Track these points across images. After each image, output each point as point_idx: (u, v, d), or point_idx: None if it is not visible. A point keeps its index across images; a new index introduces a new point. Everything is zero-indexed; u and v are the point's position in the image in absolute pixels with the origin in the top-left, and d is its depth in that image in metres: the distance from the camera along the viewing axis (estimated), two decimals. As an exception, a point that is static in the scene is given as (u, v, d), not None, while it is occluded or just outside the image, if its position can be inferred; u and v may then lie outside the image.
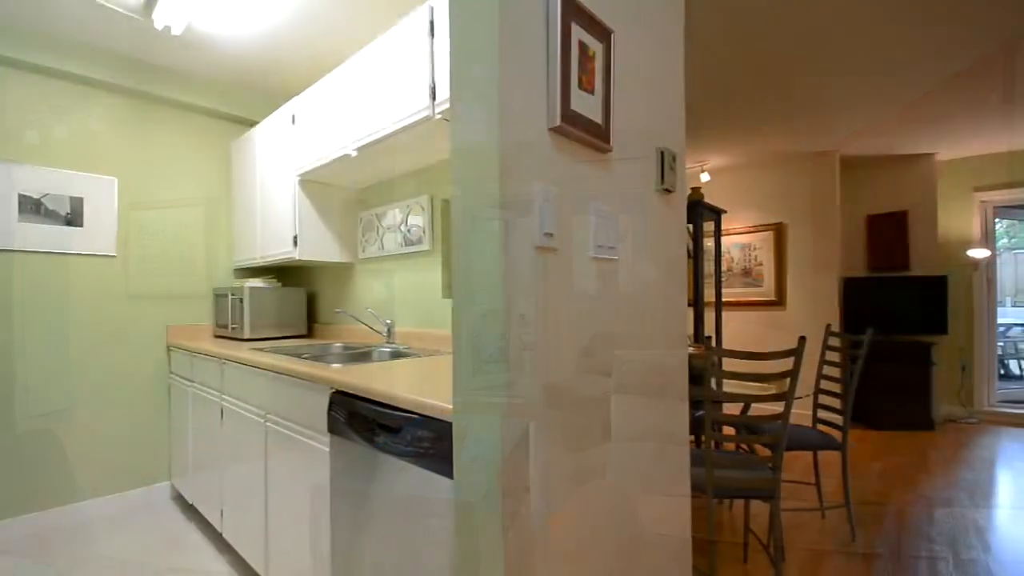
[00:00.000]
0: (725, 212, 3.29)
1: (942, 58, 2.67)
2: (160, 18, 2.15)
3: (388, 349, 2.18)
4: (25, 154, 2.41)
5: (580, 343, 0.97)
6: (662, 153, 1.22)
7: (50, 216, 2.47)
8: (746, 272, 4.69)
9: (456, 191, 0.89)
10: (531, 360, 0.86)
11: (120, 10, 2.18)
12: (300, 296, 2.87)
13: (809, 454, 3.62)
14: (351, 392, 1.32)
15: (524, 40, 0.86)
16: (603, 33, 1.00)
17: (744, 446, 2.78)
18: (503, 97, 0.82)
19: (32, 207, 2.42)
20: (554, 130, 0.91)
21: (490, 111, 0.82)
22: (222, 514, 2.14)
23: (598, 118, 0.99)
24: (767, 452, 3.46)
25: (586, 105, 0.96)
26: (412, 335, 2.26)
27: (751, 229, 4.68)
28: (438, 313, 2.17)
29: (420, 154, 2.06)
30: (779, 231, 4.51)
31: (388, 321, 2.29)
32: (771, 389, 2.67)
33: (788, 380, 2.20)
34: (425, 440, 1.08)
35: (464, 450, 0.87)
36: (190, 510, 2.65)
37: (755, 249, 4.64)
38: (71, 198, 2.53)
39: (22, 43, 2.32)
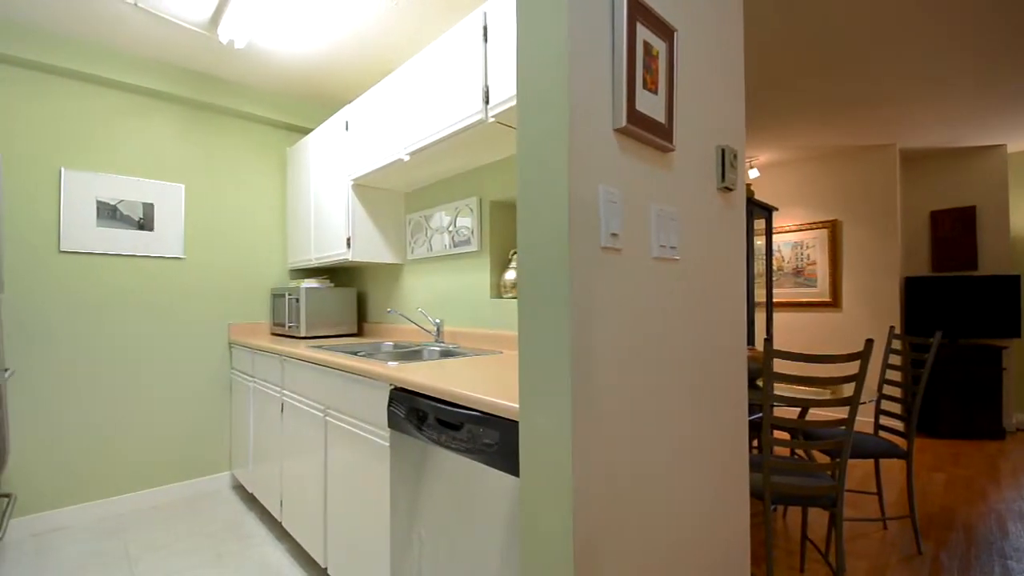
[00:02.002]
0: (776, 209, 3.19)
1: (1015, 38, 2.51)
2: (225, 33, 2.27)
3: (438, 348, 2.23)
4: (102, 163, 2.59)
5: (643, 344, 0.97)
6: (723, 151, 1.21)
7: (124, 221, 2.65)
8: (798, 272, 4.52)
9: (523, 192, 0.90)
10: (598, 361, 0.87)
11: (188, 26, 2.31)
12: (351, 296, 2.97)
13: (866, 462, 3.49)
14: (411, 389, 1.36)
15: (590, 41, 0.87)
16: (666, 32, 1.00)
17: (799, 451, 2.69)
18: (572, 99, 0.83)
19: (109, 213, 2.60)
20: (619, 131, 0.92)
21: (559, 113, 0.84)
22: (281, 504, 2.24)
23: (661, 117, 0.99)
24: (824, 458, 3.32)
25: (650, 105, 0.96)
26: (460, 334, 2.30)
27: (803, 227, 4.51)
28: (486, 313, 2.20)
29: (470, 157, 2.10)
30: (834, 228, 4.32)
31: (437, 320, 2.34)
32: (825, 394, 2.59)
33: (845, 385, 2.12)
34: (487, 437, 1.10)
35: (533, 450, 0.89)
36: (250, 499, 2.79)
37: (808, 248, 4.47)
38: (143, 204, 2.70)
39: (98, 60, 2.50)
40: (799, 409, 3.90)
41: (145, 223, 2.70)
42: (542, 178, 0.87)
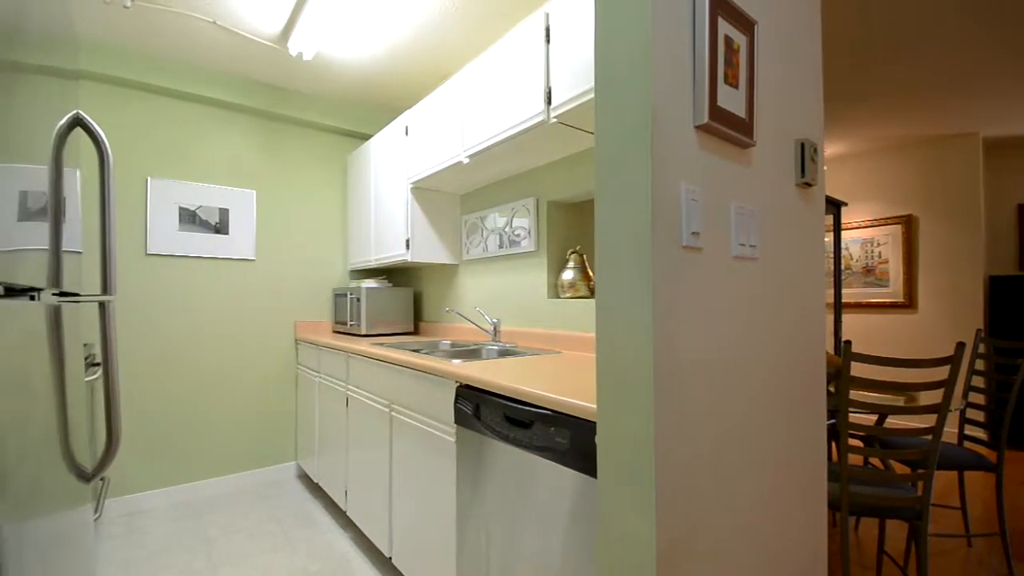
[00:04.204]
0: (845, 205, 3.02)
1: None
2: (295, 46, 2.38)
3: (495, 347, 2.25)
4: (183, 172, 2.79)
5: (724, 345, 0.95)
6: (802, 145, 1.16)
7: (203, 225, 2.83)
8: (868, 270, 4.27)
9: (602, 191, 0.90)
10: (679, 362, 0.86)
11: (261, 40, 2.45)
12: (409, 295, 3.05)
13: (945, 474, 3.25)
14: (478, 387, 1.38)
15: (672, 37, 0.86)
16: (747, 25, 0.97)
17: (872, 460, 2.55)
18: (654, 96, 0.82)
19: (189, 218, 2.79)
20: (700, 127, 0.90)
21: (641, 111, 0.83)
22: (346, 494, 2.33)
23: (742, 112, 0.96)
24: (904, 468, 3.12)
25: (731, 100, 0.94)
26: (516, 334, 2.31)
27: (874, 222, 4.25)
28: (543, 313, 2.21)
29: (528, 158, 2.11)
30: (909, 224, 4.05)
31: (494, 320, 2.37)
32: (899, 400, 2.43)
33: (922, 392, 1.99)
34: (558, 436, 1.11)
35: (612, 451, 0.89)
36: (314, 489, 2.92)
37: (879, 245, 4.21)
38: (219, 209, 2.88)
39: (180, 75, 2.69)
40: (874, 417, 3.68)
41: (221, 227, 2.88)
42: (623, 177, 0.86)
